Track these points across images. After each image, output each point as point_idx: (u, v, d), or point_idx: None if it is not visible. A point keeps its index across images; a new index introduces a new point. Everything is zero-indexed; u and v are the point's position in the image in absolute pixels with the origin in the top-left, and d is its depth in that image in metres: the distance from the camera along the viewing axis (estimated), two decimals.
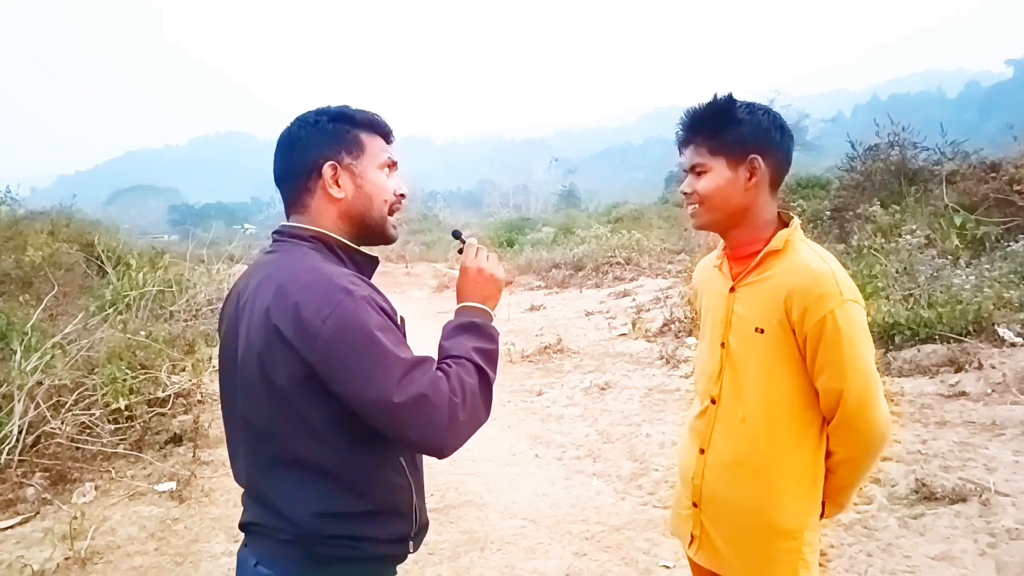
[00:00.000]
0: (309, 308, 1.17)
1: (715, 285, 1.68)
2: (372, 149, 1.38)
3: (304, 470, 1.26)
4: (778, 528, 1.53)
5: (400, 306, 1.39)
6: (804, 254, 1.50)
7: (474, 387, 1.25)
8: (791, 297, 1.45)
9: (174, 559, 3.53)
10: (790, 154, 1.56)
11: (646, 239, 14.48)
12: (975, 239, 8.00)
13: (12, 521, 3.86)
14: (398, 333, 1.24)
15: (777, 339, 1.49)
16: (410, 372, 1.18)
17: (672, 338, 7.41)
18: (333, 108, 1.39)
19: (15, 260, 9.14)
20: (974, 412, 4.56)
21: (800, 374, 1.48)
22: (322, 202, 1.35)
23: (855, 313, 1.43)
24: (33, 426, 4.52)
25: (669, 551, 3.41)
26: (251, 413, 1.28)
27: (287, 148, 1.37)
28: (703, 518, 1.65)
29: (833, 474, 1.55)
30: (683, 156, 1.60)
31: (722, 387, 1.61)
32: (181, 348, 6.76)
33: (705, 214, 1.57)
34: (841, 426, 1.47)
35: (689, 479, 1.68)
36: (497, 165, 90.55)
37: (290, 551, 1.28)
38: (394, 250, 22.22)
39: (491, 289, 1.44)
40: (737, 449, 1.57)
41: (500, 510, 4.00)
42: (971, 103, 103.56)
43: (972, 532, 3.23)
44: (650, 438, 4.90)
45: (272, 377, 1.22)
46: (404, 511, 1.35)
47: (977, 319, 5.64)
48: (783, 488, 1.52)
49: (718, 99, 1.54)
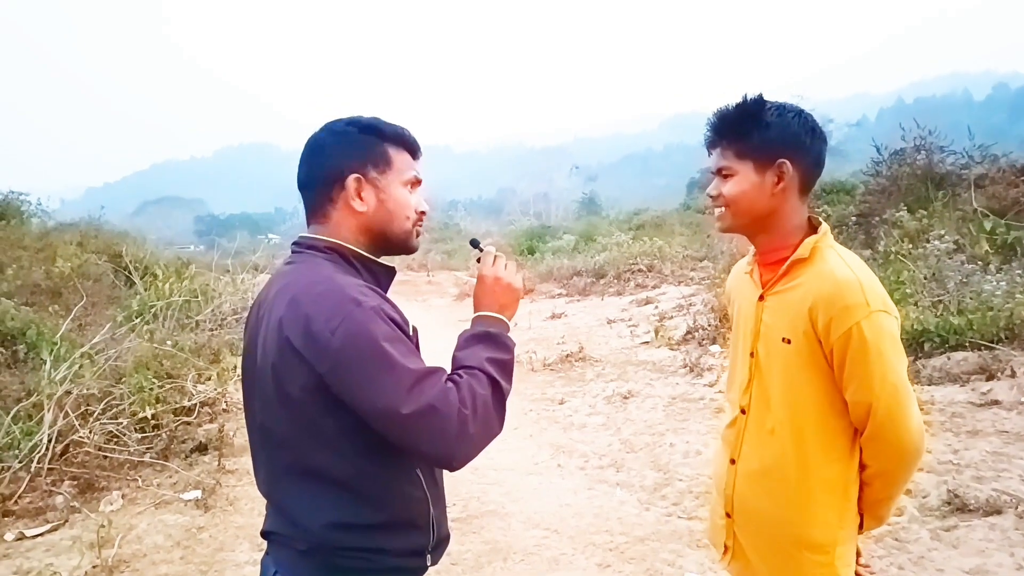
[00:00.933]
0: (319, 320, 1.17)
1: (746, 292, 1.65)
2: (399, 165, 1.37)
3: (318, 480, 1.26)
4: (808, 541, 1.50)
5: (421, 315, 1.39)
6: (831, 263, 1.45)
7: (486, 398, 1.23)
8: (816, 308, 1.42)
9: (199, 568, 3.56)
10: (822, 158, 1.52)
11: (668, 246, 14.41)
12: (1005, 244, 7.83)
13: (41, 529, 3.91)
14: (409, 344, 1.23)
15: (803, 350, 1.46)
16: (419, 383, 1.17)
17: (696, 346, 7.34)
18: (364, 119, 1.38)
19: (45, 271, 9.30)
20: (1007, 421, 4.45)
21: (829, 385, 1.45)
22: (343, 213, 1.35)
23: (884, 324, 1.38)
24: (62, 435, 4.59)
25: (694, 563, 3.36)
26: (268, 422, 1.29)
27: (313, 155, 1.37)
28: (735, 529, 1.63)
29: (869, 487, 1.51)
30: (711, 158, 1.57)
31: (751, 397, 1.58)
32: (207, 357, 6.83)
33: (730, 218, 1.54)
34: (872, 439, 1.43)
35: (722, 489, 1.66)
36: (517, 173, 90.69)
37: (307, 561, 1.29)
38: (415, 259, 22.33)
39: (508, 298, 1.42)
40: (766, 460, 1.54)
41: (523, 520, 3.98)
42: (999, 105, 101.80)
43: (1008, 545, 3.14)
44: (674, 447, 4.85)
45: (285, 387, 1.22)
46: (421, 523, 1.34)
47: (1009, 326, 5.52)
48: (812, 500, 1.49)
49: (747, 100, 1.50)
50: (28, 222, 13.12)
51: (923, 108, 72.98)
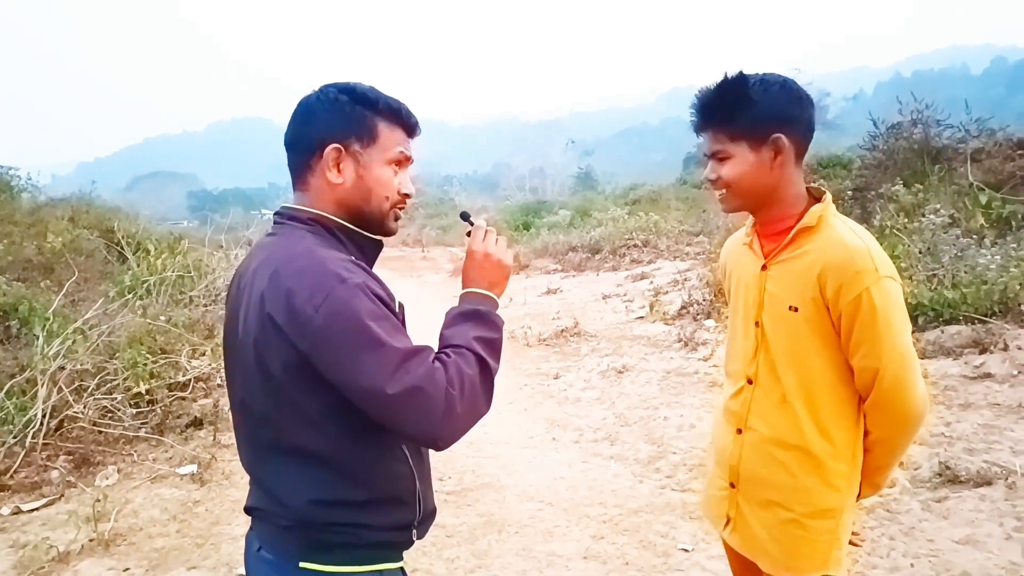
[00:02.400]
0: (301, 296, 1.14)
1: (746, 263, 1.64)
2: (386, 141, 1.31)
3: (301, 457, 1.24)
4: (819, 507, 1.50)
5: (416, 290, 1.37)
6: (839, 230, 1.45)
7: (473, 378, 1.20)
8: (825, 274, 1.42)
9: (195, 541, 3.58)
10: (812, 123, 1.50)
11: (664, 221, 14.37)
12: (1001, 218, 7.83)
13: (37, 503, 3.92)
14: (395, 321, 1.19)
15: (811, 317, 1.46)
16: (405, 362, 1.14)
17: (690, 321, 7.35)
18: (361, 88, 1.32)
19: (37, 247, 9.25)
20: (999, 394, 4.49)
21: (835, 352, 1.46)
22: (321, 183, 1.30)
23: (892, 290, 1.39)
24: (56, 410, 4.59)
25: (687, 534, 3.40)
26: (249, 398, 1.27)
27: (300, 118, 1.32)
28: (740, 499, 1.63)
29: (869, 453, 1.53)
30: (702, 140, 1.54)
31: (758, 366, 1.57)
32: (200, 333, 6.81)
33: (734, 199, 1.53)
34: (876, 405, 1.44)
35: (725, 460, 1.66)
36: (513, 147, 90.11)
37: (289, 536, 1.27)
38: (410, 234, 22.28)
39: (498, 275, 1.37)
40: (778, 428, 1.54)
41: (517, 493, 4.01)
42: (997, 79, 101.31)
43: (997, 516, 3.18)
44: (668, 421, 4.87)
45: (267, 364, 1.20)
46: (406, 499, 1.32)
47: (1003, 299, 5.53)
48: (825, 467, 1.50)
49: (728, 80, 1.46)
50: (18, 197, 13.00)
51: (921, 82, 72.50)
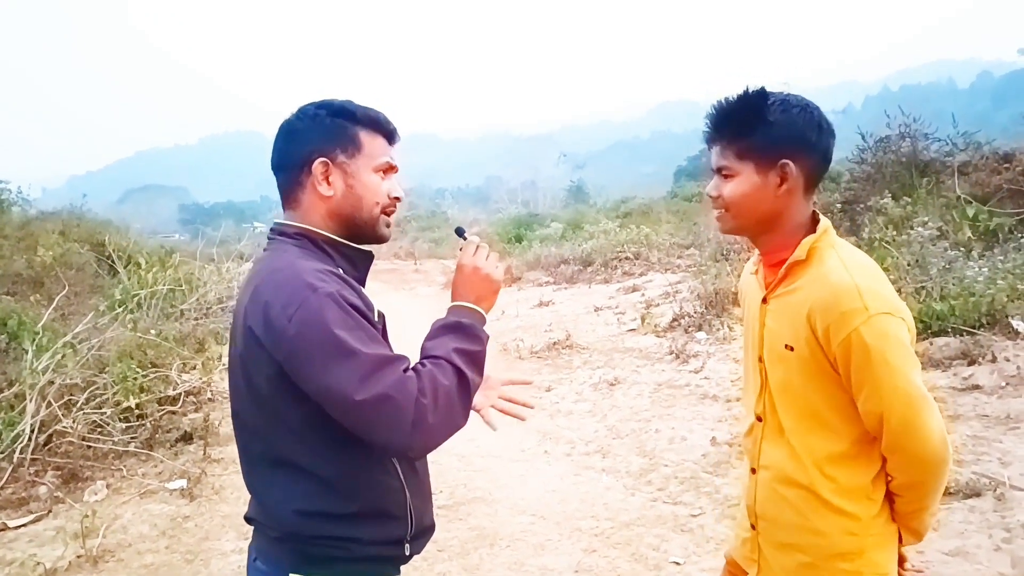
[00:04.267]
0: (276, 307, 1.17)
1: (752, 293, 1.57)
2: (370, 149, 1.35)
3: (288, 469, 1.26)
4: (833, 550, 1.42)
5: (408, 303, 1.38)
6: (828, 265, 1.37)
7: (449, 389, 1.20)
8: (813, 314, 1.35)
9: (185, 557, 3.55)
10: (829, 153, 1.43)
11: (655, 234, 14.40)
12: (988, 230, 7.90)
13: (25, 519, 3.88)
14: (370, 330, 1.20)
15: (807, 357, 1.38)
16: (377, 371, 1.14)
17: (682, 333, 7.37)
18: (337, 102, 1.36)
19: (27, 260, 9.19)
20: (988, 405, 4.51)
21: (838, 390, 1.37)
22: (312, 198, 1.33)
23: (887, 327, 1.29)
24: (45, 425, 4.56)
25: (679, 547, 3.39)
26: (241, 412, 1.30)
27: (283, 139, 1.35)
28: (760, 541, 1.55)
29: (899, 498, 1.43)
30: (711, 153, 1.47)
31: (765, 404, 1.51)
32: (191, 347, 6.79)
33: (731, 220, 1.46)
34: (890, 450, 1.36)
35: (745, 501, 1.60)
36: (505, 161, 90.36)
37: (281, 547, 1.29)
38: (402, 247, 22.25)
39: (485, 289, 1.38)
40: (784, 468, 1.47)
41: (509, 506, 4.00)
42: (983, 93, 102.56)
43: (987, 527, 3.19)
44: (660, 433, 4.87)
45: (253, 377, 1.23)
46: (397, 513, 1.32)
47: (990, 311, 5.57)
48: (832, 507, 1.41)
49: (748, 94, 1.39)
50: (9, 211, 12.94)
51: (909, 96, 73.31)
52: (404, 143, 1.45)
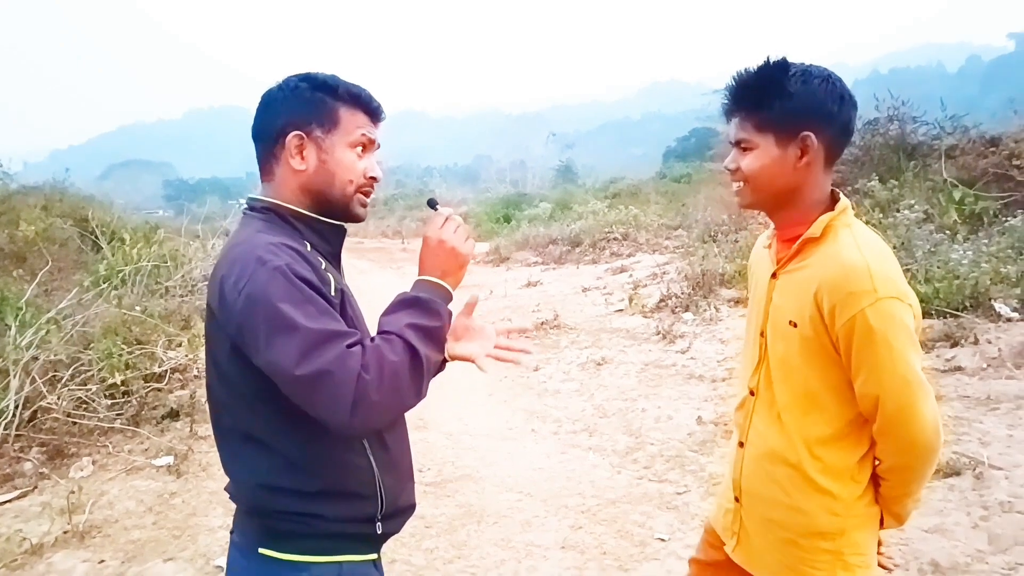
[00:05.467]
0: (229, 282, 1.17)
1: (763, 268, 1.56)
2: (347, 125, 1.31)
3: (255, 444, 1.26)
4: (813, 528, 1.43)
5: (395, 282, 1.37)
6: (841, 244, 1.35)
7: (397, 365, 1.15)
8: (820, 292, 1.33)
9: (172, 532, 3.55)
10: (851, 125, 1.40)
11: (643, 215, 14.42)
12: (973, 214, 7.97)
13: (10, 495, 3.87)
14: (320, 304, 1.16)
15: (809, 335, 1.37)
16: (318, 346, 1.11)
17: (669, 314, 7.41)
18: (321, 75, 1.33)
19: (8, 235, 9.07)
20: (969, 387, 4.58)
21: (836, 371, 1.37)
22: (285, 171, 1.31)
23: (894, 311, 1.28)
24: (29, 401, 4.52)
25: (664, 524, 3.44)
26: (212, 385, 1.32)
27: (263, 108, 1.34)
28: (743, 514, 1.57)
29: (884, 482, 1.43)
30: (729, 126, 1.45)
31: (760, 379, 1.51)
32: (177, 323, 6.73)
33: (750, 194, 1.44)
34: (881, 433, 1.36)
35: (731, 473, 1.60)
36: (494, 140, 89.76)
37: (249, 521, 1.31)
38: (390, 226, 22.16)
39: (451, 264, 1.32)
40: (772, 444, 1.48)
41: (496, 484, 4.02)
42: (972, 77, 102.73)
43: (965, 505, 3.26)
44: (646, 413, 4.91)
45: (214, 353, 1.26)
46: (363, 492, 1.30)
47: (974, 294, 5.64)
48: (819, 489, 1.42)
49: (769, 64, 1.36)
50: None
51: (898, 79, 73.34)
52: (392, 121, 1.42)
